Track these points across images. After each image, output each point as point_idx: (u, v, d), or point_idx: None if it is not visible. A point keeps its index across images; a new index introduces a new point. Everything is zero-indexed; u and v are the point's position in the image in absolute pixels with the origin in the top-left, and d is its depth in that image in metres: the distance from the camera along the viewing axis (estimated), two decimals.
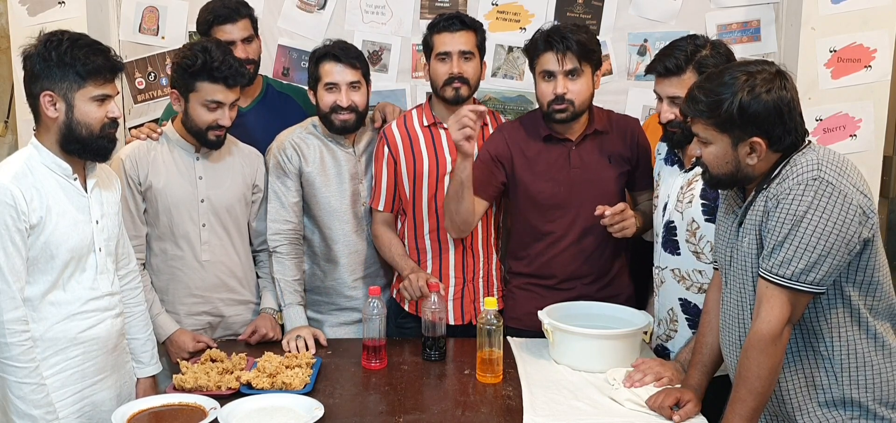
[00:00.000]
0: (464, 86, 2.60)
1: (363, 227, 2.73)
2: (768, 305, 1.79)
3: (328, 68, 2.60)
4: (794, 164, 1.81)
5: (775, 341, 1.78)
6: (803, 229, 1.74)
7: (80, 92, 2.00)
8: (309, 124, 2.72)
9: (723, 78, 1.84)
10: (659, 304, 2.44)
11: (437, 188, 2.66)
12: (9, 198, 1.93)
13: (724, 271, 2.01)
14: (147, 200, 2.51)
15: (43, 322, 2.02)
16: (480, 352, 2.26)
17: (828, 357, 1.85)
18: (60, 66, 1.98)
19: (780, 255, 1.77)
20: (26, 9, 3.19)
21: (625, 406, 2.07)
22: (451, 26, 2.60)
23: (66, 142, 2.03)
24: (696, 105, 1.87)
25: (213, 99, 2.42)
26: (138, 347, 2.32)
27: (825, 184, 1.74)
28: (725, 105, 1.80)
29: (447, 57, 2.59)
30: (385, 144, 2.67)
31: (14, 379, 1.95)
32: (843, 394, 1.85)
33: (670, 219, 2.35)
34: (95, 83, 2.02)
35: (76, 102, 2.00)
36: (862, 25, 3.14)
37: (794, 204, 1.76)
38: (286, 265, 2.64)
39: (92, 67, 2.00)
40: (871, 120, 3.20)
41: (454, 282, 2.69)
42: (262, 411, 2.01)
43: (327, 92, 2.60)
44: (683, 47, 2.24)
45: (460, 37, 2.60)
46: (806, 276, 1.75)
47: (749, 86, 1.79)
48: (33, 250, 1.99)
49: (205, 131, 2.47)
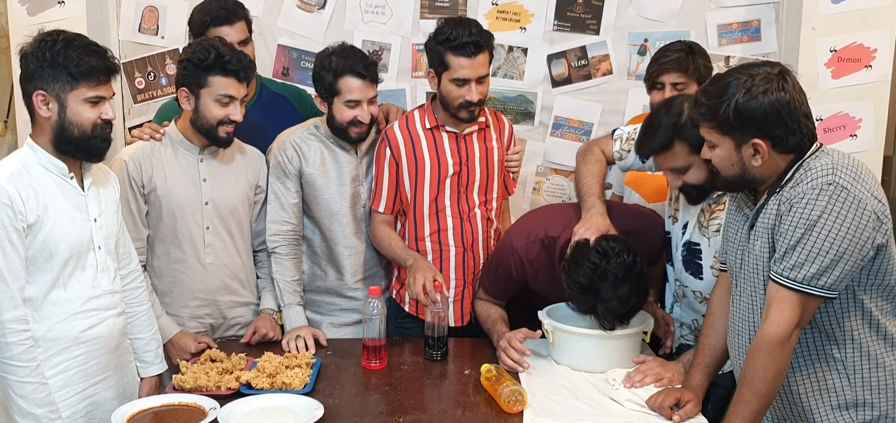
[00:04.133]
0: (479, 108, 2.60)
1: (363, 229, 2.73)
2: (778, 308, 1.78)
3: (351, 85, 2.54)
4: (809, 168, 1.80)
5: (783, 345, 1.77)
6: (816, 233, 1.73)
7: (73, 93, 1.99)
8: (311, 125, 2.70)
9: (726, 80, 1.83)
10: (679, 312, 2.43)
11: (438, 191, 2.65)
12: (5, 198, 1.93)
13: (734, 274, 2.00)
14: (150, 202, 2.50)
15: (45, 322, 2.02)
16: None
17: (841, 360, 1.85)
18: (53, 67, 1.97)
19: (793, 258, 1.76)
20: (26, 9, 3.19)
21: (625, 406, 2.07)
22: (469, 51, 2.49)
23: (59, 142, 2.02)
24: (699, 109, 1.87)
25: (225, 93, 2.42)
26: (142, 346, 2.32)
27: (840, 189, 1.73)
28: (722, 107, 1.80)
29: (465, 83, 2.53)
30: (387, 145, 2.66)
31: (16, 379, 1.95)
32: (856, 397, 1.85)
33: (693, 240, 2.31)
34: (88, 85, 2.00)
35: (69, 103, 1.99)
36: (862, 25, 3.14)
37: (808, 208, 1.75)
38: (285, 266, 2.64)
39: (85, 69, 1.98)
40: (872, 120, 3.20)
41: (455, 283, 2.69)
42: (261, 411, 2.01)
43: (348, 108, 2.56)
44: (662, 123, 2.16)
45: (480, 62, 2.52)
46: (817, 280, 1.75)
47: (746, 87, 1.78)
48: (32, 249, 1.98)
49: (216, 127, 2.45)
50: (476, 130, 2.67)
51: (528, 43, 3.42)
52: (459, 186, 2.66)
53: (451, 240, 2.67)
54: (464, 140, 2.66)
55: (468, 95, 2.53)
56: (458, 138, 2.65)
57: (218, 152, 2.57)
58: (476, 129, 2.67)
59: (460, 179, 2.66)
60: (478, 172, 2.67)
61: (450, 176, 2.64)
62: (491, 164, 2.69)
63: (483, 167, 2.68)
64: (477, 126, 2.67)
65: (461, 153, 2.64)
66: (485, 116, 2.70)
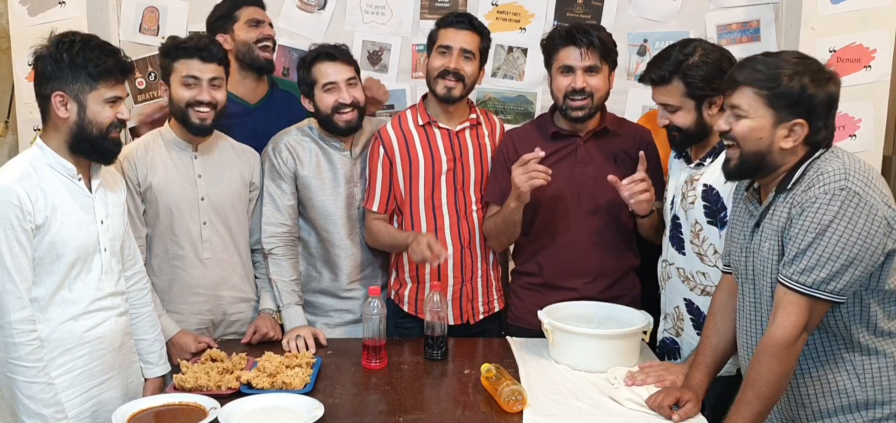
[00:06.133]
0: (458, 85, 2.59)
1: (358, 230, 2.73)
2: (785, 311, 1.78)
3: (324, 69, 2.59)
4: (820, 171, 1.79)
5: (789, 348, 1.77)
6: (828, 238, 1.73)
7: (93, 93, 2.02)
8: (305, 126, 2.72)
9: (785, 57, 1.84)
10: (665, 299, 2.45)
11: (433, 188, 2.66)
12: (14, 198, 1.94)
13: (740, 275, 2.00)
14: (147, 200, 2.52)
15: (49, 323, 2.02)
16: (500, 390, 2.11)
17: (850, 361, 1.85)
18: (72, 68, 2.00)
19: (802, 262, 1.76)
20: (26, 9, 3.19)
21: (625, 406, 2.07)
22: (459, 24, 2.60)
23: (77, 142, 2.04)
24: (754, 72, 1.84)
25: (189, 74, 2.47)
26: (146, 347, 2.33)
27: (852, 194, 1.73)
28: (786, 80, 1.79)
29: (447, 51, 2.58)
30: (380, 144, 2.67)
31: (23, 379, 1.95)
32: (867, 397, 1.85)
33: (676, 214, 2.35)
34: (107, 85, 2.03)
35: (88, 104, 2.02)
36: (862, 25, 3.14)
37: (820, 213, 1.75)
38: (282, 266, 2.64)
39: (104, 69, 2.02)
40: (871, 120, 3.20)
41: (452, 282, 2.69)
42: (262, 411, 2.01)
43: (326, 93, 2.59)
44: (672, 56, 2.24)
45: (465, 35, 2.59)
46: (827, 285, 1.75)
47: (812, 71, 1.80)
48: (39, 250, 1.99)
49: (186, 110, 2.48)
50: (468, 127, 2.69)
51: (528, 43, 3.42)
52: (456, 183, 2.66)
53: (448, 238, 2.67)
54: (457, 136, 2.67)
55: (448, 63, 2.56)
56: (451, 135, 2.66)
57: (212, 149, 2.60)
58: (467, 125, 2.68)
59: (456, 176, 2.66)
60: (473, 168, 2.68)
61: (444, 173, 2.64)
62: (485, 160, 2.70)
63: (477, 164, 2.69)
64: (468, 122, 2.68)
65: (454, 149, 2.65)
66: (476, 113, 2.72)
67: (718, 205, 2.21)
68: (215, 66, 2.50)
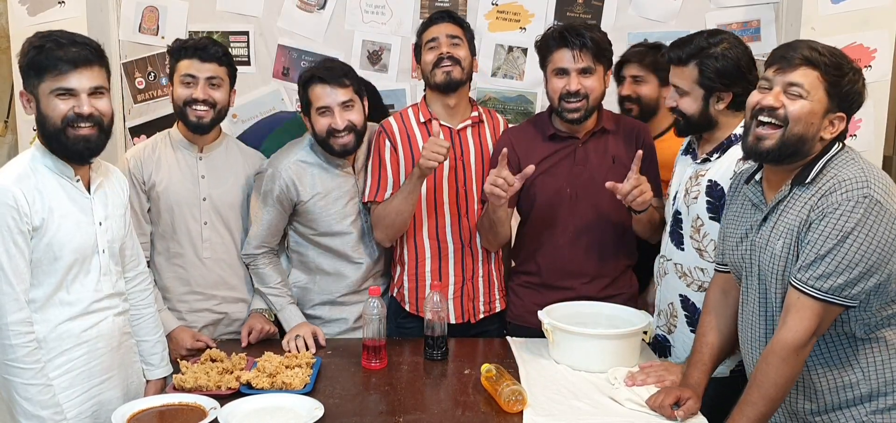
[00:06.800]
0: (455, 67, 2.58)
1: (366, 242, 2.70)
2: (798, 315, 1.78)
3: (317, 92, 2.53)
4: (840, 177, 1.79)
5: (798, 352, 1.78)
6: (848, 246, 1.74)
7: (41, 86, 1.98)
8: (305, 142, 2.66)
9: (834, 49, 1.85)
10: (660, 295, 2.45)
11: (434, 186, 2.65)
12: (10, 200, 1.93)
13: (741, 270, 2.00)
14: (151, 199, 2.56)
15: (47, 324, 2.01)
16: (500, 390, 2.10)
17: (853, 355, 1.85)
18: (29, 65, 1.99)
19: (820, 268, 1.76)
20: (26, 9, 3.19)
21: (625, 406, 2.07)
22: (439, 19, 2.64)
23: (46, 141, 2.01)
24: (818, 54, 1.82)
25: (187, 73, 2.51)
26: (148, 349, 2.32)
27: (874, 203, 1.74)
28: (849, 73, 1.81)
29: (435, 41, 2.60)
30: (385, 137, 2.65)
31: (20, 381, 1.94)
32: (871, 389, 1.85)
33: (678, 209, 2.35)
34: (52, 76, 1.96)
35: (40, 98, 1.99)
36: (862, 25, 3.14)
37: (843, 220, 1.75)
38: (267, 273, 2.63)
39: (48, 61, 1.96)
40: (871, 120, 3.20)
41: (454, 281, 2.69)
42: (262, 411, 2.01)
43: (321, 116, 2.53)
44: (696, 40, 2.25)
45: (446, 25, 2.62)
46: (842, 291, 1.75)
47: (859, 70, 1.84)
48: (37, 252, 1.98)
49: (183, 109, 2.52)
50: (470, 125, 2.68)
51: (529, 43, 3.42)
52: (457, 181, 2.66)
53: (449, 237, 2.67)
54: (458, 135, 2.66)
55: (440, 50, 2.58)
56: (452, 133, 2.66)
57: (218, 150, 2.61)
58: (469, 123, 2.68)
59: (458, 174, 2.66)
60: (474, 166, 2.68)
61: (446, 171, 2.64)
62: (487, 159, 2.70)
63: (479, 162, 2.68)
64: (470, 121, 2.68)
65: (455, 148, 2.64)
66: (478, 111, 2.72)
67: (722, 201, 2.21)
68: (214, 66, 2.51)
